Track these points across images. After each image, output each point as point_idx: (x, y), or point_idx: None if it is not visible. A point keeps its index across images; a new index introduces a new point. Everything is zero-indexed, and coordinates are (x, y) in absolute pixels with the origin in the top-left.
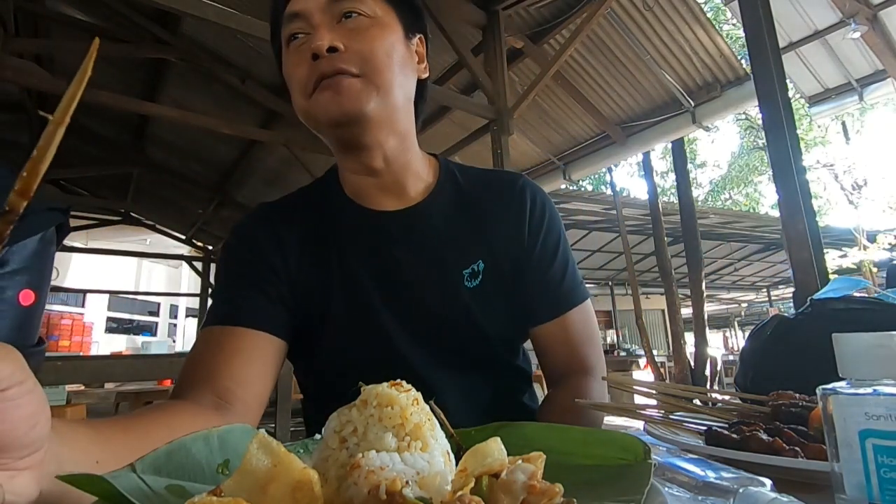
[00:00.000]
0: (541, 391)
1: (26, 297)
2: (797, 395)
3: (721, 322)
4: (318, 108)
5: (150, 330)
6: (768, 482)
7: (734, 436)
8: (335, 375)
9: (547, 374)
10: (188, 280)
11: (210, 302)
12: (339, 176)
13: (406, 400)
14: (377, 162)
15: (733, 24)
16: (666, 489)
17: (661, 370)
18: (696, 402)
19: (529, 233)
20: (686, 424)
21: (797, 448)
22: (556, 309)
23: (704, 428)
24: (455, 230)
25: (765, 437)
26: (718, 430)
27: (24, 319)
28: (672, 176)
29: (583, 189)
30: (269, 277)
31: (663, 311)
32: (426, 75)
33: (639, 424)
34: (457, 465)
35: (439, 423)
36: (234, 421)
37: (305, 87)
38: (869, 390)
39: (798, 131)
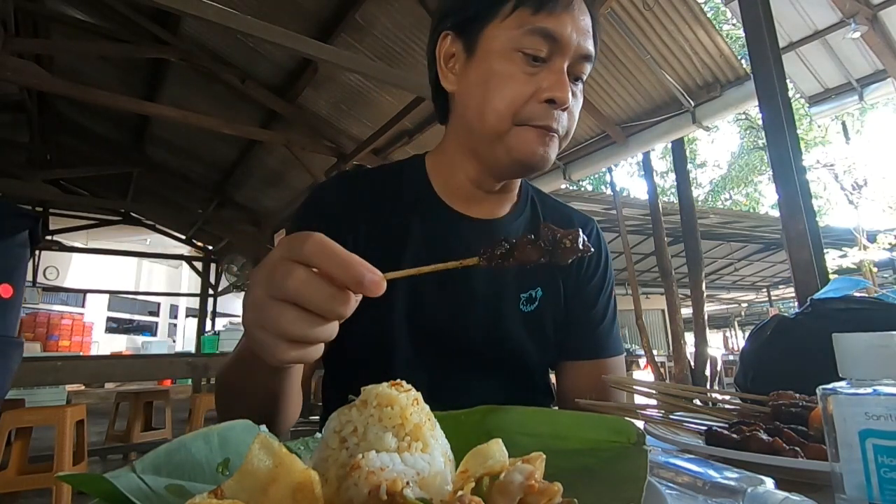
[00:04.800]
0: None
1: (5, 291)
2: (797, 395)
3: (721, 322)
4: (522, 149)
5: (150, 330)
6: (770, 481)
7: (734, 436)
8: (366, 358)
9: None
10: (188, 280)
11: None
12: (426, 170)
13: (406, 400)
14: (499, 183)
15: (733, 24)
16: (674, 492)
17: (661, 370)
18: (696, 402)
19: (585, 270)
20: (686, 424)
21: (797, 448)
22: (597, 352)
23: (704, 428)
24: None
25: (765, 437)
26: (718, 430)
27: (5, 310)
28: (672, 176)
29: (583, 189)
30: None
31: (663, 311)
32: None
33: (639, 424)
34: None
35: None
36: None
37: (517, 115)
38: (869, 390)
39: (798, 131)
